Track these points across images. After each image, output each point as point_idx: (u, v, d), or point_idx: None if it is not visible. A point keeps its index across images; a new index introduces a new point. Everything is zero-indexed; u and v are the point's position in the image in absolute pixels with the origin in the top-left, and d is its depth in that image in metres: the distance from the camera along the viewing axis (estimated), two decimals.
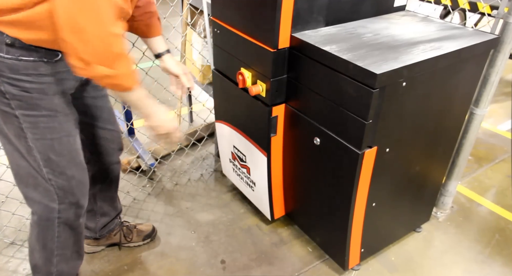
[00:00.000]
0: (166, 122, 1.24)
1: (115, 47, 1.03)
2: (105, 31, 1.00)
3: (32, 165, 1.22)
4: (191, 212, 2.11)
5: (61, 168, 1.24)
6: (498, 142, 2.75)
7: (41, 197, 1.27)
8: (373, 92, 1.21)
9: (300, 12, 1.41)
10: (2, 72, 1.07)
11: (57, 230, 1.34)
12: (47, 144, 1.19)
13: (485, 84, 1.72)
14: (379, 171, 1.45)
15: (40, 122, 1.15)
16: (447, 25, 1.57)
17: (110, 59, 1.03)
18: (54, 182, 1.25)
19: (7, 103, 1.11)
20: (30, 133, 1.16)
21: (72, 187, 1.29)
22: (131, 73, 1.10)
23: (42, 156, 1.20)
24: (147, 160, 2.31)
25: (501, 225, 2.06)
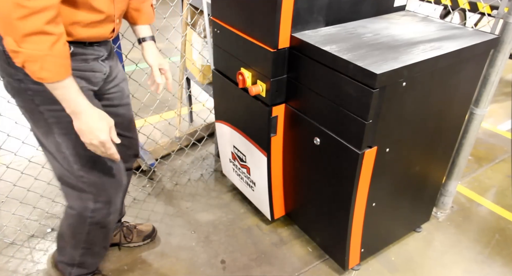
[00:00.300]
0: (92, 131, 1.08)
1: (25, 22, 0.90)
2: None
3: (63, 164, 1.21)
4: (191, 212, 2.11)
5: (93, 163, 1.21)
6: (498, 142, 2.75)
7: (77, 195, 1.29)
8: (373, 92, 1.21)
9: (300, 12, 1.41)
10: (18, 67, 1.03)
11: (88, 228, 1.35)
12: (73, 138, 1.15)
13: (485, 84, 1.72)
14: (379, 171, 1.45)
15: (63, 116, 1.10)
16: (447, 25, 1.57)
17: (15, 31, 0.91)
18: (86, 179, 1.23)
19: (31, 100, 1.10)
20: (56, 128, 1.14)
21: (104, 182, 1.27)
22: (42, 57, 0.95)
23: (70, 151, 1.18)
24: (147, 160, 2.31)
25: (501, 225, 2.06)
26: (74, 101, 1.05)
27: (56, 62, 0.98)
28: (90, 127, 1.07)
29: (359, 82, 1.24)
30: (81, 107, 1.06)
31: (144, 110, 2.39)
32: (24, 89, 1.09)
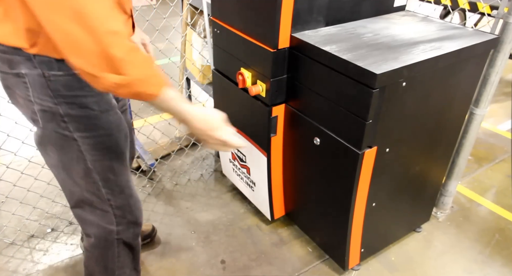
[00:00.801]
0: (209, 135, 1.02)
1: (116, 47, 0.83)
2: (98, 30, 0.81)
3: (89, 188, 1.17)
4: (191, 212, 2.11)
5: (120, 187, 1.21)
6: (498, 142, 2.75)
7: (98, 220, 1.24)
8: (373, 92, 1.21)
9: (300, 12, 1.41)
10: (57, 91, 0.99)
11: (117, 251, 1.31)
12: (106, 164, 1.14)
13: (485, 84, 1.72)
14: (379, 171, 1.45)
15: (99, 143, 1.09)
16: (447, 25, 1.57)
17: (114, 64, 0.84)
18: (113, 202, 1.21)
19: (65, 127, 1.05)
20: (89, 155, 1.10)
21: (131, 205, 1.26)
22: (149, 77, 0.91)
23: (101, 176, 1.15)
24: (147, 160, 2.31)
25: (501, 225, 2.06)
26: (180, 109, 0.98)
27: (156, 73, 0.93)
28: (206, 133, 1.02)
29: (359, 82, 1.24)
30: (190, 114, 0.99)
31: (144, 110, 2.38)
32: (61, 116, 1.02)
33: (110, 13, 0.84)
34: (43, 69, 0.97)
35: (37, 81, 0.98)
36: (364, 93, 1.24)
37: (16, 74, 0.98)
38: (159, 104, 0.96)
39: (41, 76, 0.97)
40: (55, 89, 0.99)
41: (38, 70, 0.97)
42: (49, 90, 0.99)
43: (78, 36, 0.82)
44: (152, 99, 0.94)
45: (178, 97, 0.98)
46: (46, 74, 0.97)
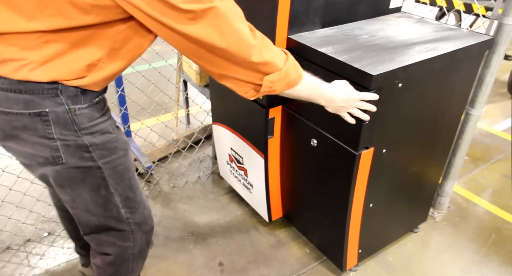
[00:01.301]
0: (348, 100, 1.20)
1: (264, 52, 0.97)
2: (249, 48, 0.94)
3: (107, 214, 1.17)
4: (188, 215, 2.11)
5: (138, 203, 1.22)
6: (494, 142, 2.76)
7: (114, 239, 1.24)
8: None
9: (297, 14, 1.42)
10: (82, 124, 1.00)
11: (131, 266, 1.32)
12: (126, 184, 1.15)
13: (480, 85, 1.73)
14: (376, 172, 1.45)
15: (119, 165, 1.11)
16: (443, 26, 1.58)
17: (269, 66, 0.98)
18: (131, 220, 1.22)
19: (89, 157, 1.04)
20: (111, 179, 1.11)
21: (146, 216, 1.27)
22: (291, 61, 1.05)
23: (122, 198, 1.16)
24: (144, 163, 2.30)
25: (497, 224, 2.07)
26: (320, 87, 1.15)
27: (289, 54, 1.05)
28: (347, 100, 1.20)
29: (356, 84, 1.24)
30: (328, 91, 1.17)
31: (141, 113, 2.39)
32: (86, 146, 1.02)
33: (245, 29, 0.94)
34: (69, 104, 0.96)
35: (61, 118, 0.97)
36: None
37: (36, 113, 0.94)
38: (303, 86, 1.10)
39: (66, 112, 0.97)
40: (80, 123, 0.99)
41: (64, 106, 0.96)
42: (73, 125, 0.99)
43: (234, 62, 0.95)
44: (301, 79, 1.07)
45: (313, 80, 1.14)
46: (72, 110, 0.97)
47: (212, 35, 0.89)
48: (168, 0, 0.83)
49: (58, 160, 1.01)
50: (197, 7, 0.85)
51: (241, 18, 0.94)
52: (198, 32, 0.88)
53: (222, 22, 0.89)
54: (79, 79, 0.94)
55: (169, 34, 0.90)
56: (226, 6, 0.89)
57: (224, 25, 0.89)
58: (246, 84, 1.02)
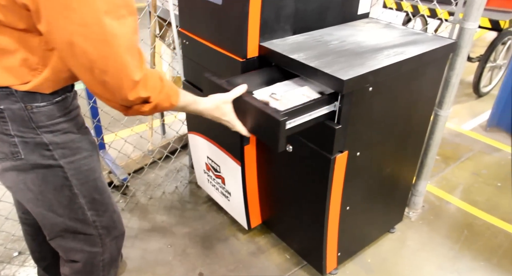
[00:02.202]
0: (220, 118, 1.26)
1: (143, 90, 0.95)
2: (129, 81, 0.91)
3: (73, 216, 1.15)
4: (166, 226, 2.08)
5: (105, 205, 1.21)
6: (463, 141, 2.86)
7: (82, 245, 1.21)
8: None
9: (267, 22, 1.44)
10: (40, 122, 0.99)
11: (101, 274, 1.29)
12: (91, 185, 1.15)
13: (446, 87, 1.79)
14: (351, 175, 1.48)
15: (83, 165, 1.11)
16: (409, 31, 1.63)
17: (143, 99, 0.97)
18: (98, 223, 1.20)
19: (50, 156, 1.04)
20: (75, 180, 1.10)
21: (114, 220, 1.26)
22: (168, 91, 1.04)
23: (87, 199, 1.15)
24: (119, 175, 2.26)
25: (469, 220, 2.14)
26: (195, 108, 1.19)
27: (169, 84, 1.06)
28: (217, 117, 1.25)
29: (328, 88, 1.27)
30: (200, 107, 1.20)
31: (115, 124, 2.35)
32: (45, 145, 1.02)
33: (134, 63, 0.92)
34: (25, 102, 0.96)
35: (17, 115, 0.97)
36: (333, 99, 1.26)
37: None
38: (176, 109, 1.13)
39: (23, 109, 0.97)
40: (38, 121, 0.99)
41: (20, 104, 0.96)
42: (31, 122, 0.99)
43: (110, 86, 0.92)
44: (173, 107, 1.10)
45: (189, 96, 1.17)
46: (29, 107, 0.97)
47: (99, 52, 0.86)
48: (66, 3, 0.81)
49: (17, 155, 1.02)
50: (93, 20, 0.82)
51: (132, 50, 0.90)
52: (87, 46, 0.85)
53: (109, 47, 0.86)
54: (25, 84, 0.95)
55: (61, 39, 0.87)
56: (121, 35, 0.87)
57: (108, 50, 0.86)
58: (116, 104, 0.99)
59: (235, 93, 1.25)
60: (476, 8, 1.59)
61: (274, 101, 1.28)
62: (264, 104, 1.23)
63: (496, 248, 1.96)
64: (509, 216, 2.16)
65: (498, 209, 2.21)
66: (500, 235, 2.05)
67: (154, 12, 2.20)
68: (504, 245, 1.98)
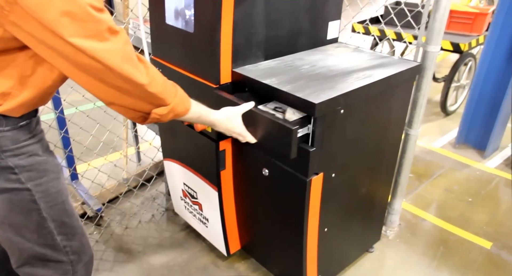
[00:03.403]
0: (231, 130, 1.33)
1: (154, 86, 1.01)
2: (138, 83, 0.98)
3: (41, 241, 1.12)
4: (143, 256, 2.02)
5: (74, 228, 1.18)
6: (434, 158, 2.94)
7: (52, 273, 1.17)
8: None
9: (239, 48, 1.47)
10: (4, 147, 0.98)
11: None
12: (60, 208, 1.13)
13: (415, 107, 1.85)
14: (327, 196, 1.49)
15: (51, 187, 1.09)
16: (376, 54, 1.70)
17: (159, 100, 1.04)
18: (69, 248, 1.17)
19: (16, 179, 1.02)
20: (43, 203, 1.08)
21: (84, 244, 1.23)
22: (181, 96, 1.12)
23: (56, 223, 1.12)
24: (93, 205, 2.20)
25: (444, 236, 2.18)
26: (207, 118, 1.26)
27: (179, 89, 1.14)
28: (228, 129, 1.33)
29: (301, 111, 1.29)
30: (213, 117, 1.28)
31: (88, 153, 2.30)
32: (11, 168, 1.00)
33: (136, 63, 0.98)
34: None
35: None
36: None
37: None
38: (191, 114, 1.18)
39: None
40: (2, 145, 0.98)
41: None
42: None
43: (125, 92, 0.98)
44: (187, 112, 1.16)
45: (202, 107, 1.24)
46: None
47: (104, 70, 0.92)
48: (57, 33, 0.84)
49: None
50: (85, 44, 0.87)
51: (130, 59, 0.96)
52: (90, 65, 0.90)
53: (108, 68, 0.92)
54: None
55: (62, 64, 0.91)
56: (115, 50, 0.92)
57: (113, 64, 0.92)
58: (135, 113, 1.06)
59: (245, 107, 1.33)
60: (436, 32, 1.67)
61: (280, 114, 1.38)
62: (273, 116, 1.32)
63: (471, 263, 2.00)
64: (481, 231, 2.22)
65: (470, 224, 2.27)
66: (474, 249, 2.09)
67: None
68: (478, 260, 2.02)
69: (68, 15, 0.83)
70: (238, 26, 1.41)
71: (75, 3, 0.83)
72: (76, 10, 0.84)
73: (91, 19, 0.87)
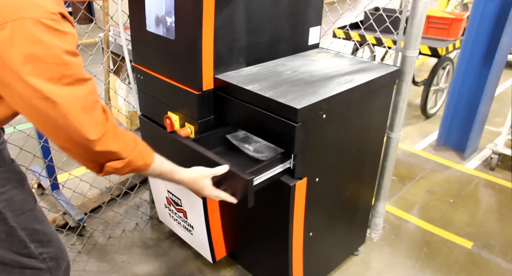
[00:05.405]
0: (199, 191, 1.25)
1: (111, 142, 0.95)
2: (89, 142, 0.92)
3: (13, 249, 1.09)
4: (127, 266, 1.99)
5: (48, 235, 1.16)
6: (416, 161, 2.99)
7: None
8: (296, 126, 1.27)
9: (221, 55, 1.47)
10: None
11: None
12: (28, 215, 1.10)
13: (395, 110, 1.89)
14: (312, 201, 1.50)
15: (16, 195, 1.06)
16: (357, 59, 1.73)
17: (114, 155, 0.98)
18: (45, 255, 1.15)
19: None
20: (9, 212, 1.05)
21: (62, 250, 1.21)
22: (141, 151, 1.05)
23: (27, 231, 1.09)
24: (75, 215, 2.15)
25: (427, 238, 2.21)
26: (171, 172, 1.17)
27: (142, 143, 1.08)
28: (195, 190, 1.24)
29: (283, 118, 1.30)
30: (179, 176, 1.19)
31: (69, 162, 2.26)
32: None
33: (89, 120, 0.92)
34: None
35: None
36: (288, 128, 1.29)
37: None
38: (152, 170, 1.11)
39: None
40: None
41: None
42: None
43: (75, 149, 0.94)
44: (148, 168, 1.09)
45: (167, 164, 1.16)
46: None
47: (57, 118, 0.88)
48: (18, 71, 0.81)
49: None
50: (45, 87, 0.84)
51: (90, 109, 0.92)
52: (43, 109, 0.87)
53: (64, 111, 0.87)
54: None
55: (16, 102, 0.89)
56: (76, 96, 0.88)
57: (66, 114, 0.88)
58: (89, 163, 1.00)
59: (216, 170, 1.23)
60: (414, 37, 1.71)
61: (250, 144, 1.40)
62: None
63: (453, 263, 2.03)
64: (462, 231, 2.26)
65: (452, 225, 2.31)
66: (456, 249, 2.13)
67: (106, 48, 2.19)
68: (460, 260, 2.06)
69: (32, 56, 0.81)
70: (220, 33, 1.41)
71: (44, 45, 0.81)
72: (43, 53, 0.81)
73: (61, 63, 0.84)
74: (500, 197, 2.58)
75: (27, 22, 0.79)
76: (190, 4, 1.34)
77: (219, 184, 1.27)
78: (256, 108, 1.38)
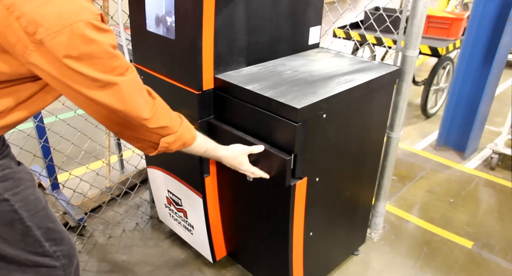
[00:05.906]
0: (237, 167, 1.40)
1: (162, 118, 1.08)
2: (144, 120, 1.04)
3: (29, 249, 1.10)
4: (128, 266, 1.99)
5: (60, 232, 1.18)
6: (416, 161, 2.99)
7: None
8: (296, 126, 1.27)
9: (221, 55, 1.47)
10: None
11: None
12: (42, 214, 1.12)
13: (395, 110, 1.89)
14: (312, 200, 1.50)
15: (29, 195, 1.08)
16: (357, 59, 1.73)
17: (166, 130, 1.11)
18: (59, 252, 1.17)
19: None
20: (24, 212, 1.06)
21: (73, 247, 1.23)
22: (186, 124, 1.18)
23: (42, 230, 1.11)
24: (75, 215, 2.16)
25: (427, 237, 2.21)
26: (213, 148, 1.33)
27: (183, 117, 1.21)
28: (234, 166, 1.40)
29: (283, 118, 1.30)
30: (220, 153, 1.35)
31: (69, 162, 2.26)
32: None
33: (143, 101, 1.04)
34: None
35: None
36: (288, 128, 1.30)
37: None
38: (199, 146, 1.25)
39: None
40: None
41: None
42: None
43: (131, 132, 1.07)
44: (194, 141, 1.22)
45: (210, 141, 1.32)
46: None
47: (114, 103, 0.98)
48: (77, 69, 0.89)
49: None
50: (104, 78, 0.93)
51: (140, 92, 1.04)
52: (102, 99, 0.96)
53: (122, 96, 0.98)
54: None
55: (74, 96, 0.96)
56: (128, 82, 0.98)
57: (123, 98, 0.98)
58: (145, 142, 1.12)
59: (254, 149, 1.38)
60: (414, 37, 1.71)
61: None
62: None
63: (453, 263, 2.03)
64: (462, 231, 2.26)
65: (452, 224, 2.31)
66: (455, 249, 2.13)
67: None
68: (460, 260, 2.06)
69: (88, 54, 0.88)
70: (220, 32, 1.41)
71: (97, 43, 0.88)
72: (96, 50, 0.89)
73: (111, 57, 0.92)
74: (500, 196, 2.58)
75: (81, 25, 0.86)
76: (190, 4, 1.34)
77: (255, 163, 1.41)
78: (256, 108, 1.38)
